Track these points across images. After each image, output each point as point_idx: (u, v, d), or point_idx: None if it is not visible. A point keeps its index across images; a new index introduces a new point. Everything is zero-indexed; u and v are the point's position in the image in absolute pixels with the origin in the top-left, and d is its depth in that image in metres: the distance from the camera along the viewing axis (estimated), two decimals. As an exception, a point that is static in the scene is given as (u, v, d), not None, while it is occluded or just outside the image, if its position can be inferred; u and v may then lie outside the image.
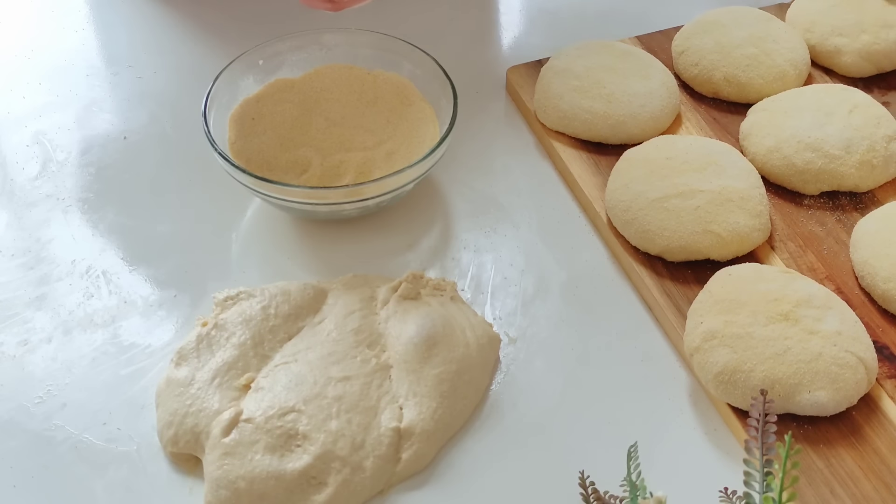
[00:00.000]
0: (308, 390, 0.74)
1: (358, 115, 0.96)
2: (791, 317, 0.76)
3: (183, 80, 1.07)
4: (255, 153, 0.92)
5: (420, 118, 0.95)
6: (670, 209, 0.85)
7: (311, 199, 0.86)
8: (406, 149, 0.92)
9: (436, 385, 0.76)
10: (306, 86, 0.98)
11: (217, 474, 0.71)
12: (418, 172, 0.87)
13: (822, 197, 0.92)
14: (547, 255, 0.90)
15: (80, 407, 0.78)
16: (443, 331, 0.79)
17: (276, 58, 0.98)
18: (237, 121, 0.94)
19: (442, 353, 0.77)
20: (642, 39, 1.09)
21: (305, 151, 0.93)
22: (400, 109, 0.96)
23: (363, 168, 0.91)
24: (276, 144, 0.93)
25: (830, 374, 0.74)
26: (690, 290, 0.84)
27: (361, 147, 0.93)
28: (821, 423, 0.75)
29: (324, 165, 0.92)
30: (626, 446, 0.67)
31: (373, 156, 0.92)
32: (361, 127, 0.95)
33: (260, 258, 0.89)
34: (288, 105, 0.96)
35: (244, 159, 0.91)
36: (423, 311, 0.80)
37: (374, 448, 0.73)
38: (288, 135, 0.94)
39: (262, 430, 0.72)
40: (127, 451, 0.75)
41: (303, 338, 0.79)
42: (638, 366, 0.81)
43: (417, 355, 0.77)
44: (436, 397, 0.76)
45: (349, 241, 0.91)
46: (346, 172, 0.91)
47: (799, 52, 1.02)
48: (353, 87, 0.98)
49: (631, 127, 0.96)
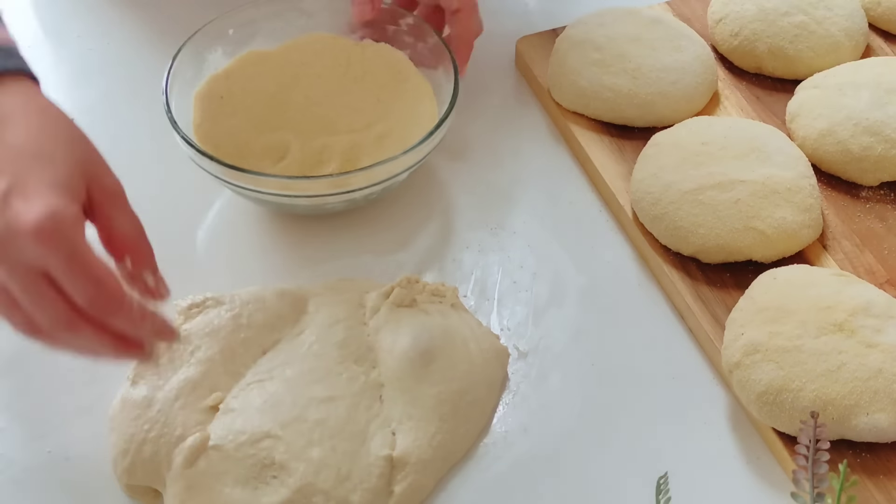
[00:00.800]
0: (286, 413, 0.74)
1: (343, 92, 0.96)
2: (846, 327, 0.76)
3: (141, 51, 1.07)
4: (224, 137, 0.92)
5: (416, 96, 0.95)
6: (706, 202, 0.85)
7: (290, 191, 0.86)
8: (400, 132, 0.92)
9: (434, 406, 0.76)
10: (283, 58, 0.98)
11: None
12: (414, 159, 0.87)
13: (882, 188, 0.92)
14: (563, 256, 0.90)
15: (21, 432, 0.78)
16: (442, 343, 0.79)
17: (249, 26, 0.98)
18: (203, 99, 0.94)
19: (441, 369, 0.77)
20: (673, 5, 1.09)
21: (283, 135, 0.93)
22: (392, 86, 0.96)
23: (350, 154, 0.91)
24: (248, 127, 0.93)
25: (892, 393, 0.74)
26: (729, 297, 0.84)
27: (348, 129, 0.93)
28: (880, 451, 0.75)
29: (304, 151, 0.92)
30: (654, 478, 0.67)
31: (361, 140, 0.92)
32: (348, 106, 0.95)
33: (229, 259, 0.89)
34: (262, 81, 0.96)
35: (211, 144, 0.91)
36: (420, 320, 0.80)
37: (362, 480, 0.73)
38: (262, 116, 0.94)
39: (232, 459, 0.72)
40: (75, 482, 0.75)
41: (279, 352, 0.79)
42: (668, 384, 0.81)
43: (413, 372, 0.77)
44: (434, 420, 0.76)
45: (333, 240, 0.91)
46: (330, 159, 0.91)
47: (856, 20, 1.02)
48: (339, 60, 0.98)
49: (660, 107, 0.96)
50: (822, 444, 0.62)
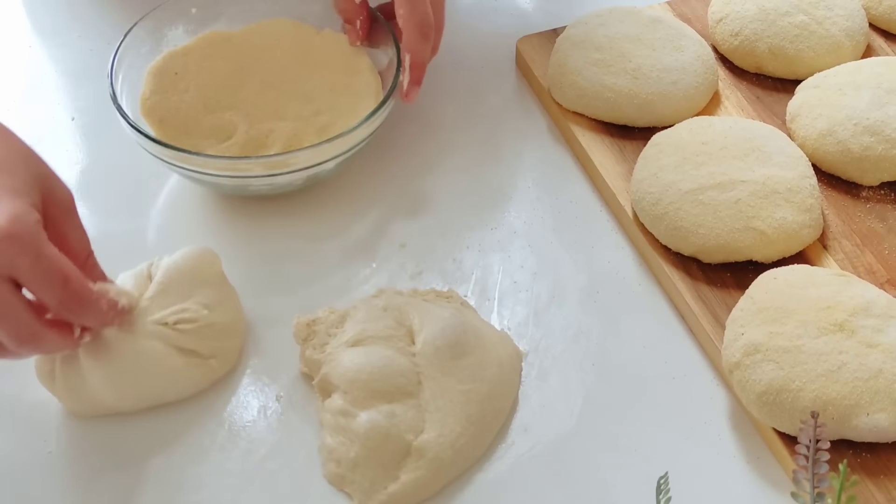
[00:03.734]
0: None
1: (298, 79, 0.96)
2: (847, 327, 0.76)
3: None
4: (170, 112, 0.91)
5: (364, 91, 0.94)
6: (706, 202, 0.85)
7: (220, 171, 0.86)
8: (342, 125, 0.91)
9: (463, 405, 0.75)
10: (244, 41, 0.97)
11: None
12: (332, 152, 0.86)
13: (882, 188, 0.92)
14: (563, 256, 0.90)
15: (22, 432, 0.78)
16: (475, 341, 0.78)
17: (214, 7, 0.97)
18: (156, 74, 0.93)
19: (472, 367, 0.77)
20: (673, 5, 1.09)
21: (231, 116, 0.92)
22: (344, 79, 0.95)
23: (292, 140, 0.91)
24: (198, 105, 0.93)
25: (892, 393, 0.74)
26: (730, 296, 0.84)
27: (295, 116, 0.93)
28: (881, 451, 0.75)
29: (249, 134, 0.91)
30: (654, 477, 0.67)
31: (304, 128, 0.92)
32: (299, 93, 0.95)
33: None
34: (220, 62, 0.95)
35: (156, 118, 0.90)
36: (447, 311, 0.80)
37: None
38: (215, 95, 0.94)
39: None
40: (77, 482, 0.75)
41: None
42: (669, 384, 0.81)
43: (440, 362, 0.76)
44: (461, 420, 0.75)
45: (324, 237, 0.91)
46: (273, 144, 0.91)
47: (856, 20, 1.02)
48: (298, 46, 0.97)
49: (661, 107, 0.96)
50: (823, 444, 0.62)
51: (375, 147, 0.96)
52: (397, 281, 0.87)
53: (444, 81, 1.04)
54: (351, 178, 0.95)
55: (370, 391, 0.74)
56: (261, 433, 0.78)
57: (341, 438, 0.74)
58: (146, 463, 0.76)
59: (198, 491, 0.75)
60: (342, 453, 0.74)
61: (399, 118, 0.99)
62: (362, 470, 0.73)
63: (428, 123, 1.00)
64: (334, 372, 0.76)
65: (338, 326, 0.80)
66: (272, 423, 0.78)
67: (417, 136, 0.99)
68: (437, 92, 1.03)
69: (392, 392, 0.74)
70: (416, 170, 0.95)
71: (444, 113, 1.01)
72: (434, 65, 1.04)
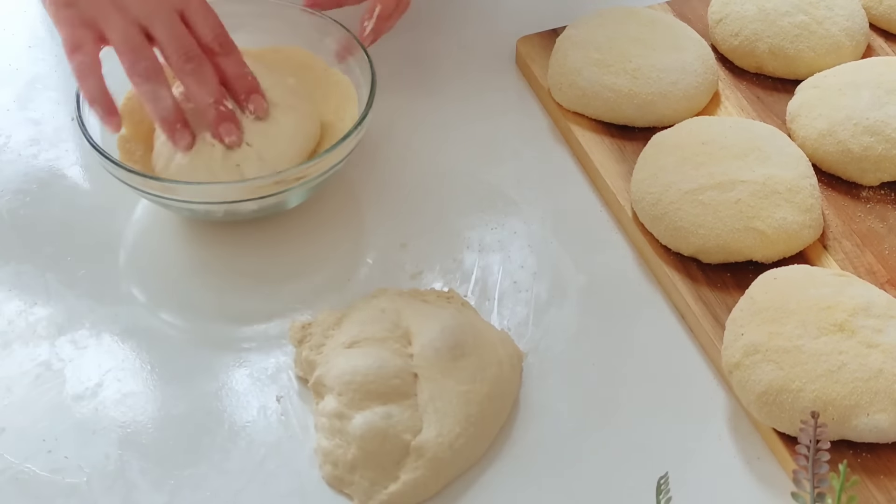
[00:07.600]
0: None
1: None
2: (847, 328, 0.76)
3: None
4: (148, 122, 0.90)
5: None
6: (706, 202, 0.85)
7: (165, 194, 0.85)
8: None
9: (462, 405, 0.75)
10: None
11: None
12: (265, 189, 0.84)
13: (882, 188, 0.92)
14: (563, 256, 0.90)
15: (21, 432, 0.78)
16: (474, 342, 0.78)
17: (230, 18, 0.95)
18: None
19: (471, 367, 0.77)
20: (673, 5, 1.09)
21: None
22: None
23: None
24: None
25: (892, 394, 0.73)
26: (730, 297, 0.84)
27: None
28: (881, 451, 0.75)
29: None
30: (655, 477, 0.67)
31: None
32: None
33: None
34: None
35: (134, 119, 0.90)
36: (447, 312, 0.80)
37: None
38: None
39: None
40: (75, 484, 0.75)
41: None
42: (669, 384, 0.81)
43: (439, 363, 0.76)
44: (461, 420, 0.75)
45: (324, 237, 0.91)
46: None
47: (856, 20, 1.02)
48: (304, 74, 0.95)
49: (661, 107, 0.96)
50: (823, 445, 0.62)
51: (375, 147, 0.96)
52: (397, 281, 0.87)
53: (444, 81, 1.04)
54: (350, 178, 0.95)
55: (365, 393, 0.74)
56: (260, 433, 0.78)
57: (337, 441, 0.74)
58: (146, 463, 0.76)
59: (198, 491, 0.75)
60: (339, 455, 0.74)
61: (399, 118, 0.99)
62: (361, 471, 0.73)
63: (428, 123, 1.00)
64: (328, 374, 0.76)
65: (335, 328, 0.80)
66: (272, 423, 0.78)
67: (417, 136, 0.99)
68: (437, 92, 1.03)
69: (388, 393, 0.74)
70: (416, 169, 0.95)
71: (444, 113, 1.01)
72: (434, 65, 1.05)
